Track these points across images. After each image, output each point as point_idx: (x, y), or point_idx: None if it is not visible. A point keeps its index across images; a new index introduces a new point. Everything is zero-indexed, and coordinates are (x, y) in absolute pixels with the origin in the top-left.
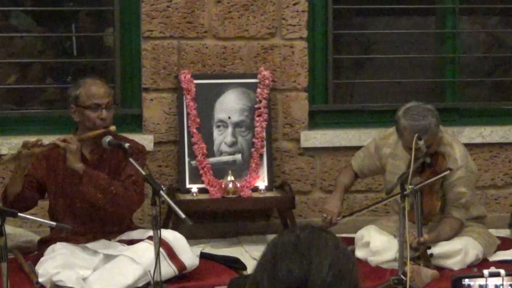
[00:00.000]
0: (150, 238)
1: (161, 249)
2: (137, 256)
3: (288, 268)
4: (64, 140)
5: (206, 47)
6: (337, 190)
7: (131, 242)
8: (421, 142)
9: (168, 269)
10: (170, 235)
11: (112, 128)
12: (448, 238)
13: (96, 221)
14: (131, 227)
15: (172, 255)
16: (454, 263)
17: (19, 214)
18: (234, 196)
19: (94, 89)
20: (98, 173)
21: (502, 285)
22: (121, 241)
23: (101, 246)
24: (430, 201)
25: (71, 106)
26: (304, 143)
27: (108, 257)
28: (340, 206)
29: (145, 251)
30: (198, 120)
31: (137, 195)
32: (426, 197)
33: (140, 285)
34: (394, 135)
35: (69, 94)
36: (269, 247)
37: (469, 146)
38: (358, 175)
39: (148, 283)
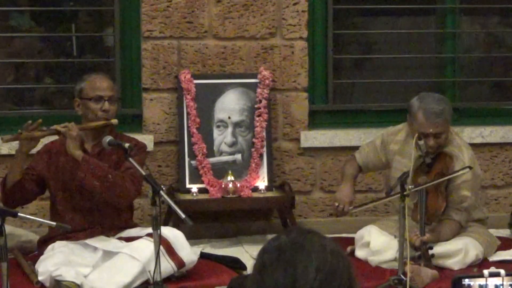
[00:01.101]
0: (149, 235)
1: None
2: (136, 252)
3: (274, 278)
4: (65, 126)
5: (206, 47)
6: (347, 179)
7: (130, 239)
8: (421, 142)
9: (167, 266)
10: (169, 232)
11: (114, 121)
12: (446, 240)
13: (95, 215)
14: (130, 224)
15: (171, 252)
16: (454, 263)
17: (19, 214)
18: (234, 196)
19: (98, 82)
20: (97, 161)
21: (502, 285)
22: (120, 239)
23: (101, 242)
24: (435, 201)
25: (75, 100)
26: (304, 143)
27: (108, 254)
28: (352, 195)
29: (144, 248)
30: (198, 120)
31: (133, 185)
32: (432, 198)
33: (138, 282)
34: (403, 132)
35: (74, 89)
36: (258, 257)
37: None
38: (362, 169)
39: (147, 282)
